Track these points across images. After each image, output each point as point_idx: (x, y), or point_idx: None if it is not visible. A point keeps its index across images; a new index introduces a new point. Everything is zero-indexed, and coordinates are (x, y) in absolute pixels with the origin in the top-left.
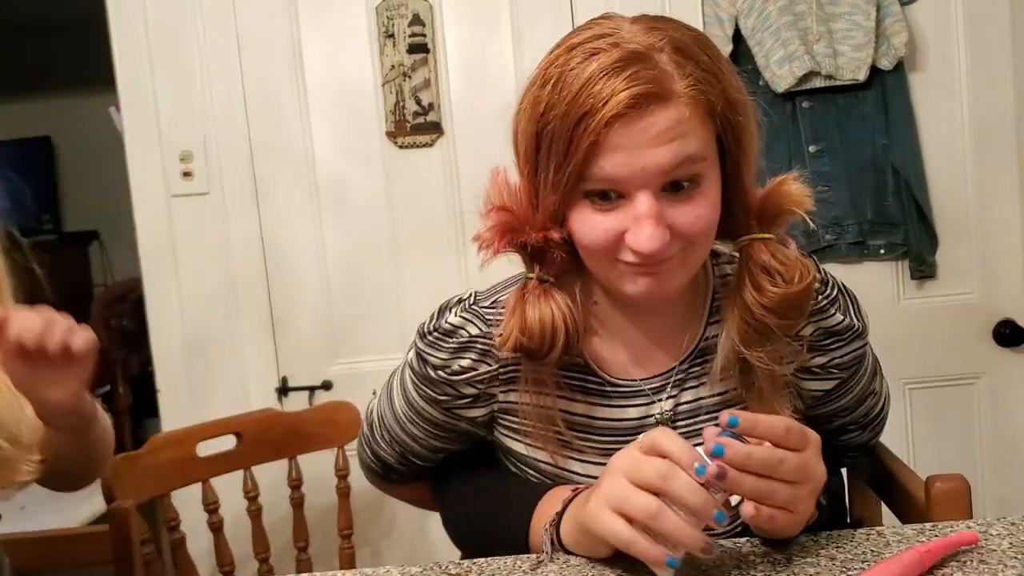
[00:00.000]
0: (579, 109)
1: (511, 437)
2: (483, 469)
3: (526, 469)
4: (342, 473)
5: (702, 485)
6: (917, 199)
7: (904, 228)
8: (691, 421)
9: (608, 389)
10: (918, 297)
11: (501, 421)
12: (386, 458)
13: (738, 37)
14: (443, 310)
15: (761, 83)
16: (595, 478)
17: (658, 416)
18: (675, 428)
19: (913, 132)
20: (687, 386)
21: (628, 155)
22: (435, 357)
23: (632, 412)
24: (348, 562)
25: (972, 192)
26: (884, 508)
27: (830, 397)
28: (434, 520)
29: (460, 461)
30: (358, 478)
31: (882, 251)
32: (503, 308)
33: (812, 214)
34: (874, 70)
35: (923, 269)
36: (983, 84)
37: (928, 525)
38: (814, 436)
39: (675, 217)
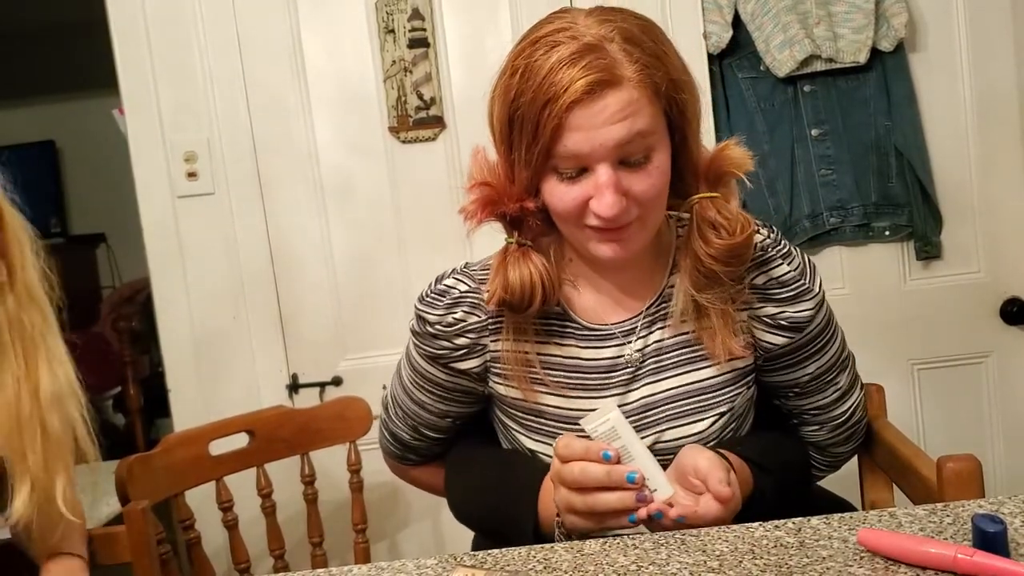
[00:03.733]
0: (543, 96)
1: (501, 384)
2: (490, 450)
3: (514, 412)
4: (355, 468)
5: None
6: (921, 180)
7: (908, 209)
8: (657, 358)
9: (584, 333)
10: (924, 278)
11: (492, 369)
12: (402, 435)
13: (738, 23)
14: (439, 278)
15: (762, 68)
16: (575, 411)
17: (628, 356)
18: (643, 365)
19: (915, 113)
20: (654, 328)
21: (587, 134)
22: (431, 314)
23: (606, 352)
24: (363, 556)
25: (976, 171)
26: (896, 491)
27: (783, 360)
28: (448, 512)
29: (469, 445)
30: (371, 473)
31: (887, 233)
32: (489, 269)
33: (815, 197)
34: (875, 52)
35: (928, 249)
36: (984, 63)
37: (940, 505)
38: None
39: (631, 185)
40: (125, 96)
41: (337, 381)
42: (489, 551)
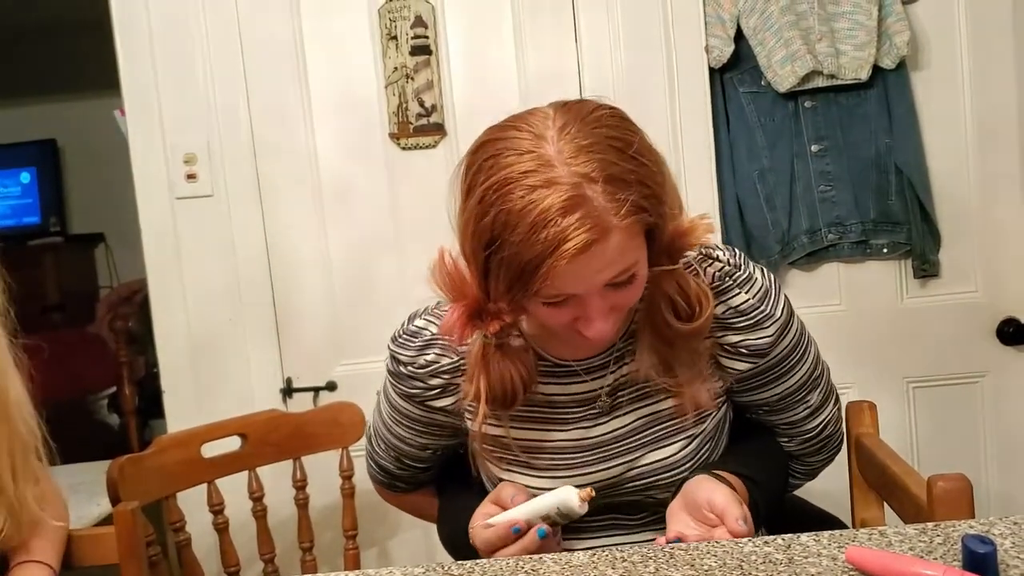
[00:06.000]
0: (529, 253)
1: (472, 420)
2: (459, 484)
3: (486, 446)
4: (347, 474)
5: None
6: (920, 198)
7: (907, 227)
8: (628, 390)
9: (554, 369)
10: (921, 296)
11: (467, 408)
12: (386, 465)
13: (740, 37)
14: (411, 317)
15: (763, 83)
16: (544, 442)
17: (599, 391)
18: (615, 399)
19: (916, 131)
20: (622, 363)
21: (577, 280)
22: (404, 355)
23: (575, 388)
24: (353, 562)
25: (975, 190)
26: (888, 509)
27: (749, 384)
28: None
29: (454, 475)
30: (363, 479)
31: (885, 250)
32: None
33: (813, 213)
34: (876, 69)
35: (926, 268)
36: (985, 82)
37: (930, 525)
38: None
39: (616, 300)
40: (126, 97)
41: (331, 386)
42: (477, 560)
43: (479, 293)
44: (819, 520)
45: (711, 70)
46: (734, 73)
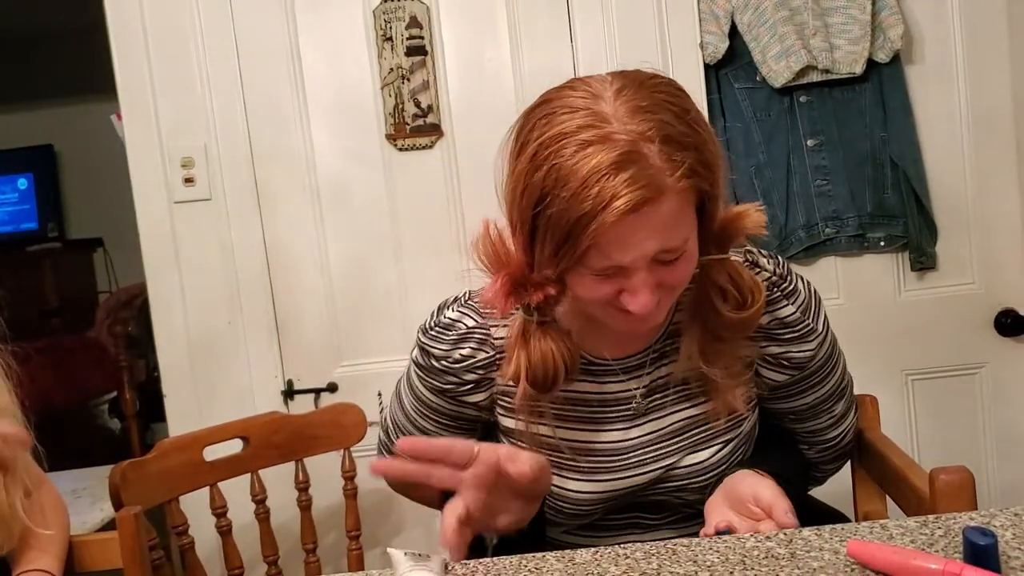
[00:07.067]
0: (578, 209)
1: (506, 415)
2: None
3: (518, 442)
4: (349, 475)
5: None
6: (916, 191)
7: (904, 220)
8: (663, 393)
9: (591, 368)
10: (919, 289)
11: (500, 402)
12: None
13: (734, 33)
14: (441, 308)
15: (758, 78)
16: (578, 442)
17: (635, 391)
18: (651, 400)
19: (911, 124)
20: (661, 363)
21: (625, 247)
22: (437, 349)
23: (611, 387)
24: (356, 563)
25: (971, 182)
26: (890, 502)
27: (783, 393)
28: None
29: None
30: (365, 479)
31: (882, 243)
32: (491, 306)
33: (810, 207)
34: (871, 63)
35: (923, 260)
36: (980, 74)
37: (931, 517)
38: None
39: (663, 277)
40: (123, 102)
41: (332, 387)
42: (480, 559)
43: (523, 263)
44: (821, 514)
45: (706, 66)
46: (729, 69)
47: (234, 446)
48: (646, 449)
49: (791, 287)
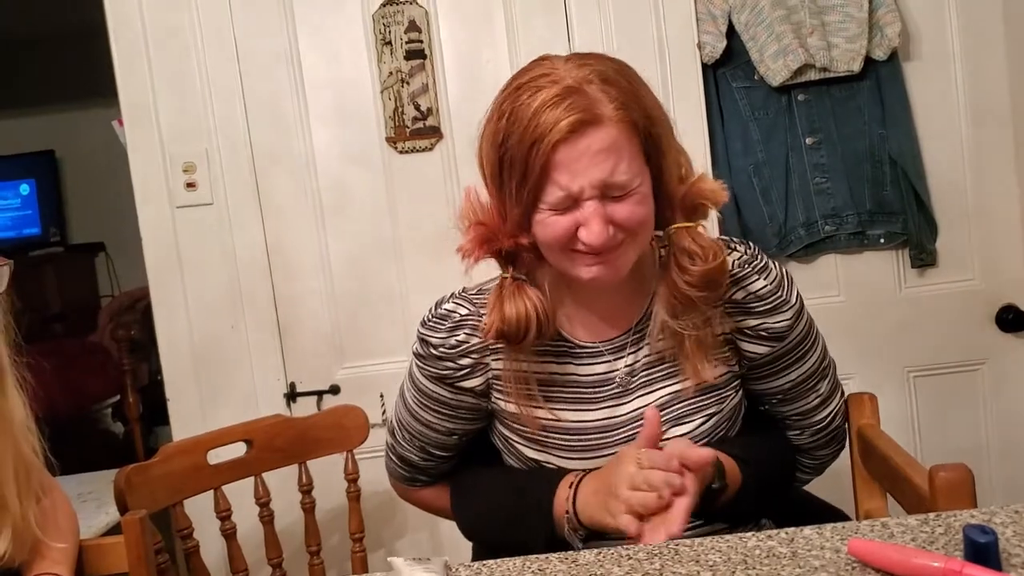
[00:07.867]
0: (530, 137)
1: (502, 399)
2: (495, 471)
3: (515, 425)
4: (352, 477)
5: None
6: (915, 187)
7: (903, 217)
8: (647, 371)
9: (577, 351)
10: (919, 285)
11: (494, 387)
12: (411, 457)
13: (732, 32)
14: (439, 302)
15: (756, 77)
16: (570, 423)
17: (618, 371)
18: (634, 379)
19: (909, 121)
20: (641, 344)
21: (573, 171)
22: (434, 337)
23: (598, 368)
24: (360, 565)
25: (970, 178)
26: (891, 500)
27: (766, 368)
28: (445, 521)
29: (473, 470)
30: (368, 481)
31: (882, 240)
32: (486, 294)
33: (809, 205)
34: (868, 61)
35: (923, 257)
36: (977, 71)
37: (932, 515)
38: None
39: (616, 214)
40: (124, 107)
41: (335, 390)
42: (484, 561)
43: (496, 214)
44: (823, 513)
45: (704, 66)
46: (727, 68)
47: (238, 449)
48: (633, 426)
49: (762, 264)
